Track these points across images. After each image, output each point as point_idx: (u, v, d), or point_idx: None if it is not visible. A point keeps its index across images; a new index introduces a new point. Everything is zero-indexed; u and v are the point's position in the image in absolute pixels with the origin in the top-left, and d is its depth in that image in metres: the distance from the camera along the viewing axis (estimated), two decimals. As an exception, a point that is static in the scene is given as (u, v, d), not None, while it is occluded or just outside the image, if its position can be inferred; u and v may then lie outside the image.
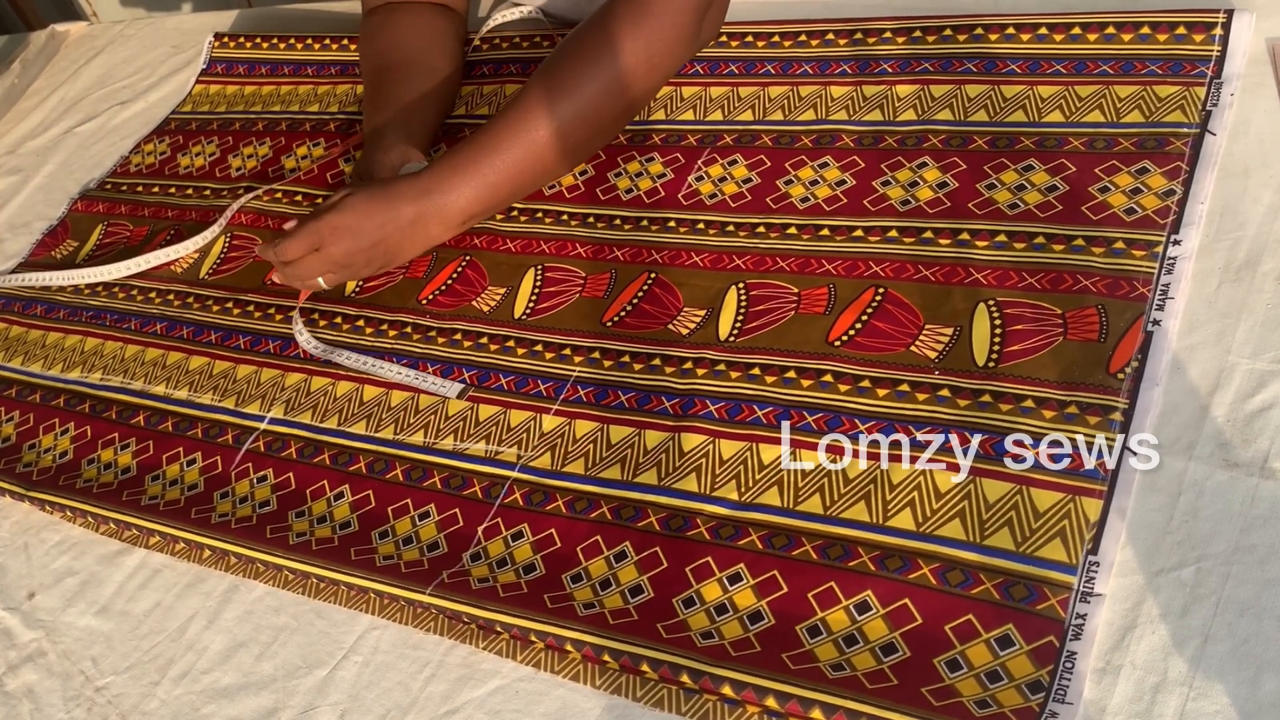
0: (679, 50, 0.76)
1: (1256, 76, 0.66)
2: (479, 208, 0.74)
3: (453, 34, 0.90)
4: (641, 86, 0.74)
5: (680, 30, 0.74)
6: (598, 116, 0.74)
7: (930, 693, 0.49)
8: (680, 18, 0.74)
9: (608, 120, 0.75)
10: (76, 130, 1.11)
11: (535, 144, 0.72)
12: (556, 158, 0.74)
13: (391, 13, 0.89)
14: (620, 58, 0.72)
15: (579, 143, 0.74)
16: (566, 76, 0.73)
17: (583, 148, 0.76)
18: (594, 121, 0.74)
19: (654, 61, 0.74)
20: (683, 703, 0.53)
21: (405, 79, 0.85)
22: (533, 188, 0.76)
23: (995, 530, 0.53)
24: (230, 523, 0.67)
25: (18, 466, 0.78)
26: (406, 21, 0.89)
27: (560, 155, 0.74)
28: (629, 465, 0.62)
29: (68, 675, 0.65)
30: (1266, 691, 0.46)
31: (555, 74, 0.73)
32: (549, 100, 0.72)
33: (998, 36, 0.73)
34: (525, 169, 0.73)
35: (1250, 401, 0.54)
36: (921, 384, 0.59)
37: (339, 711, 0.58)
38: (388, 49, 0.87)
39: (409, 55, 0.87)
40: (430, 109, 0.85)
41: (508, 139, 0.73)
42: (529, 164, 0.73)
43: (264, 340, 0.79)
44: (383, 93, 0.85)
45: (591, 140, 0.76)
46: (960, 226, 0.65)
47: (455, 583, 0.59)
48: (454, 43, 0.90)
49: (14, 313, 0.92)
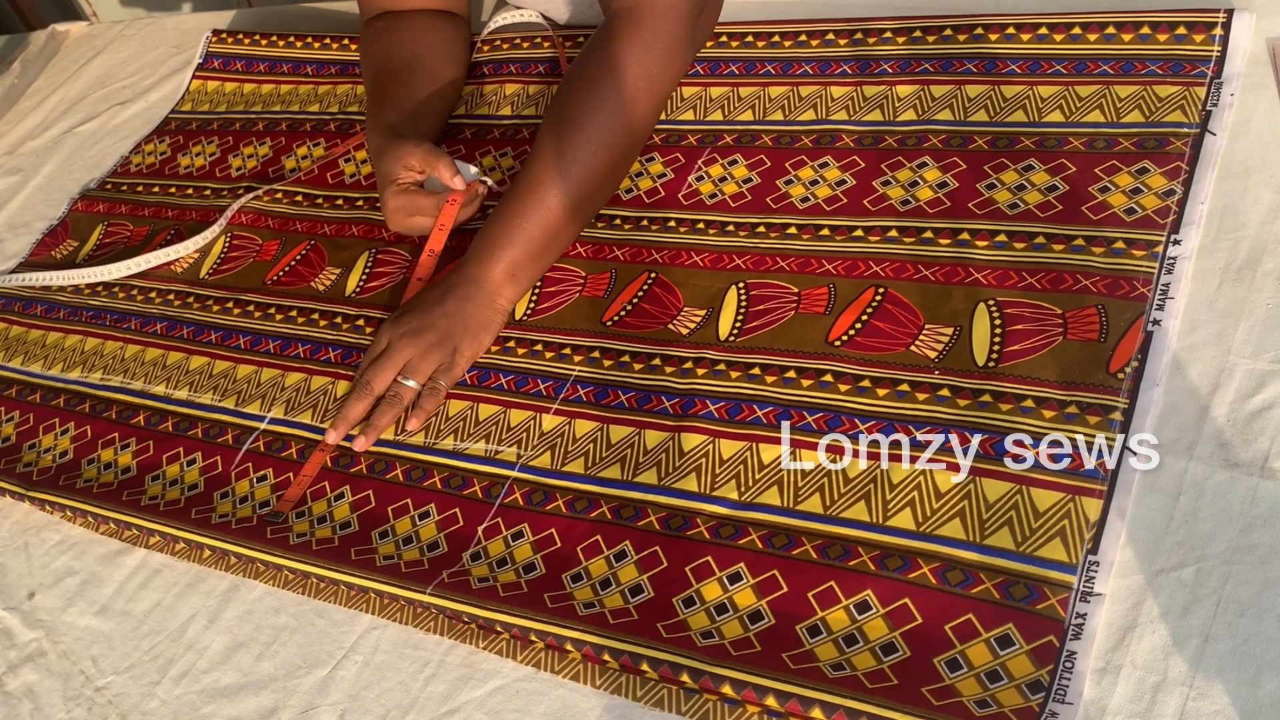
0: (676, 63, 0.75)
1: (1256, 76, 0.66)
2: (524, 269, 0.72)
3: (456, 37, 0.91)
4: (645, 105, 0.73)
5: (675, 42, 0.74)
6: (610, 150, 0.72)
7: (930, 692, 0.49)
8: (673, 29, 0.73)
9: (621, 148, 0.73)
10: (76, 130, 1.11)
11: (557, 194, 0.71)
12: (579, 202, 0.72)
13: (394, 19, 0.89)
14: (621, 81, 0.71)
15: (597, 186, 0.73)
16: (573, 113, 0.72)
17: (603, 184, 0.74)
18: (607, 156, 0.72)
19: (654, 77, 0.73)
20: (683, 702, 0.53)
21: (410, 81, 0.85)
22: (568, 236, 0.74)
23: (995, 530, 0.53)
24: (230, 523, 0.67)
25: (18, 466, 0.78)
26: (409, 26, 0.89)
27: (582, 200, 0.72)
28: (629, 465, 0.62)
29: (68, 675, 0.65)
30: (1266, 691, 0.46)
31: (562, 114, 0.72)
32: (559, 150, 0.71)
33: (998, 36, 0.73)
34: (554, 219, 0.71)
35: (1250, 401, 0.54)
36: (921, 384, 0.59)
37: (339, 711, 0.58)
38: (392, 52, 0.87)
39: (412, 58, 0.87)
40: (434, 112, 0.85)
41: (530, 198, 0.71)
42: (557, 213, 0.71)
43: (264, 340, 0.79)
44: (388, 94, 0.84)
45: (611, 173, 0.74)
46: (960, 226, 0.65)
47: (455, 582, 0.59)
48: (458, 45, 0.90)
49: (14, 313, 0.92)
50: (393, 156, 0.77)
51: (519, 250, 0.70)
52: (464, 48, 0.92)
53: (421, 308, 0.71)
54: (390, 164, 0.77)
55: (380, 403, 0.70)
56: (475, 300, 0.71)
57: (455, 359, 0.70)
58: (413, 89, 0.84)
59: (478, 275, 0.71)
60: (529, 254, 0.71)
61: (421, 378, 0.69)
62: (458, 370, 0.70)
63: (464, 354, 0.70)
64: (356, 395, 0.70)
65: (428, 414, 0.69)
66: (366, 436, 0.69)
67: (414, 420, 0.69)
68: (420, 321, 0.70)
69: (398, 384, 0.69)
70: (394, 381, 0.70)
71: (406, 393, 0.69)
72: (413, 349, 0.70)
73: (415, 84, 0.85)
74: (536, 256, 0.71)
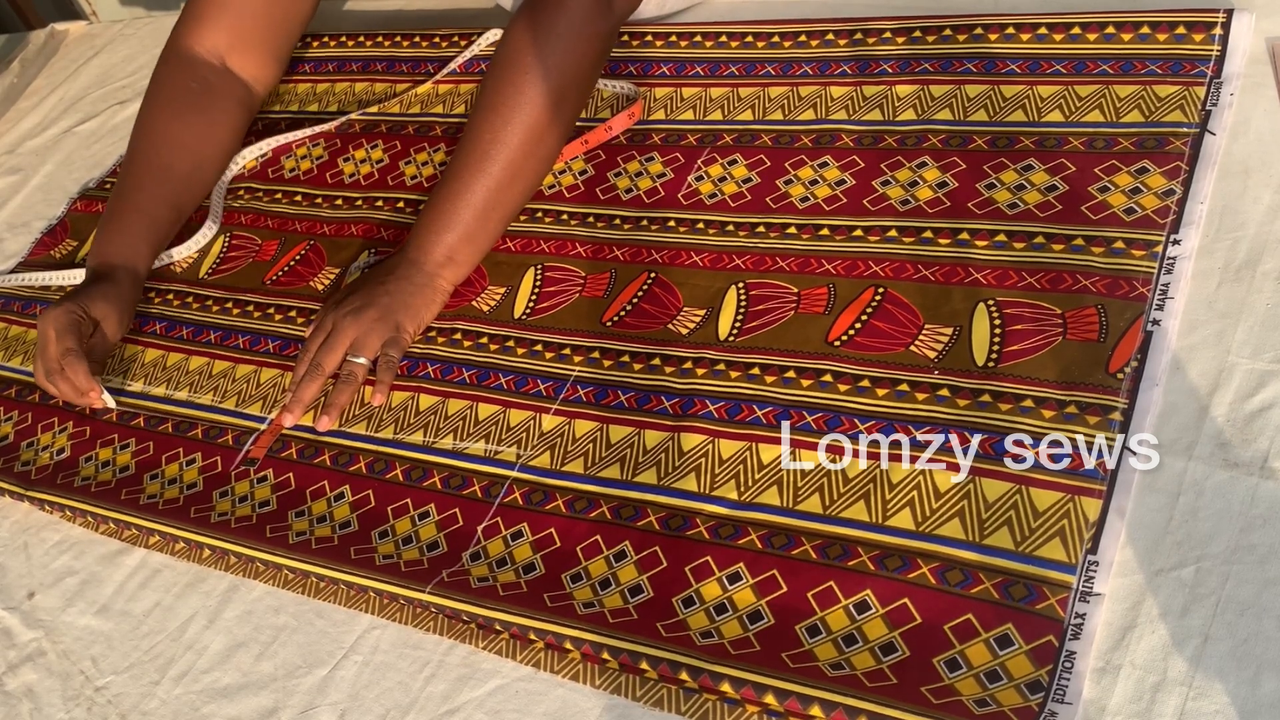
0: (589, 36, 0.75)
1: (1256, 76, 0.66)
2: (466, 247, 0.74)
3: (237, 138, 0.93)
4: (559, 82, 0.73)
5: (582, 16, 0.74)
6: (528, 130, 0.73)
7: (929, 692, 0.49)
8: (577, 4, 0.73)
9: (539, 127, 0.74)
10: (76, 130, 1.11)
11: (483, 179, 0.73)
12: (504, 183, 0.73)
13: (201, 90, 0.89)
14: (531, 63, 0.73)
15: (520, 166, 0.74)
16: (490, 100, 0.73)
17: (527, 162, 0.74)
18: (526, 136, 0.73)
19: (566, 52, 0.73)
20: (682, 702, 0.53)
21: (180, 200, 0.88)
22: (502, 215, 0.75)
23: (995, 530, 0.53)
24: (230, 522, 0.67)
25: (16, 465, 0.78)
26: (212, 116, 0.90)
27: (508, 181, 0.73)
28: (628, 465, 0.62)
29: (67, 675, 0.65)
30: (1266, 691, 0.46)
31: (481, 102, 0.74)
32: (481, 136, 0.73)
33: (997, 36, 0.74)
34: (483, 202, 0.73)
35: (1250, 401, 0.54)
36: (921, 384, 0.59)
37: (339, 711, 0.58)
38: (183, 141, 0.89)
39: (194, 166, 0.89)
40: (162, 240, 0.88)
41: (457, 184, 0.73)
42: (485, 197, 0.73)
43: (263, 340, 0.79)
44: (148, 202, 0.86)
45: (534, 151, 0.74)
46: (960, 226, 0.65)
47: (455, 582, 0.59)
48: (233, 146, 0.93)
49: (13, 312, 0.92)
50: (112, 305, 0.80)
51: (454, 234, 0.73)
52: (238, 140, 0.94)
53: (363, 289, 0.74)
54: (96, 303, 0.79)
55: (339, 382, 0.72)
56: (415, 280, 0.73)
57: (399, 334, 0.73)
58: (176, 209, 0.88)
59: (417, 258, 0.74)
60: (463, 237, 0.73)
61: (370, 353, 0.72)
62: (404, 342, 0.73)
63: (406, 329, 0.73)
64: (310, 377, 0.72)
65: (388, 385, 0.72)
66: (329, 415, 0.71)
67: (377, 396, 0.71)
68: (362, 300, 0.73)
69: (349, 362, 0.72)
70: (344, 360, 0.72)
71: (359, 369, 0.72)
72: (357, 328, 0.72)
73: (182, 202, 0.88)
74: (472, 238, 0.74)
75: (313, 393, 0.72)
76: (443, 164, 0.86)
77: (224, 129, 0.91)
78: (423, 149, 0.88)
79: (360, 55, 1.00)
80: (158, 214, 0.86)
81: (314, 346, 0.73)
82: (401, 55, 0.98)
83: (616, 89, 0.83)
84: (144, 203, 0.86)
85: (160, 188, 0.87)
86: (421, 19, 1.06)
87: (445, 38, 0.97)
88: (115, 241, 0.84)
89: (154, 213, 0.86)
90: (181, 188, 0.88)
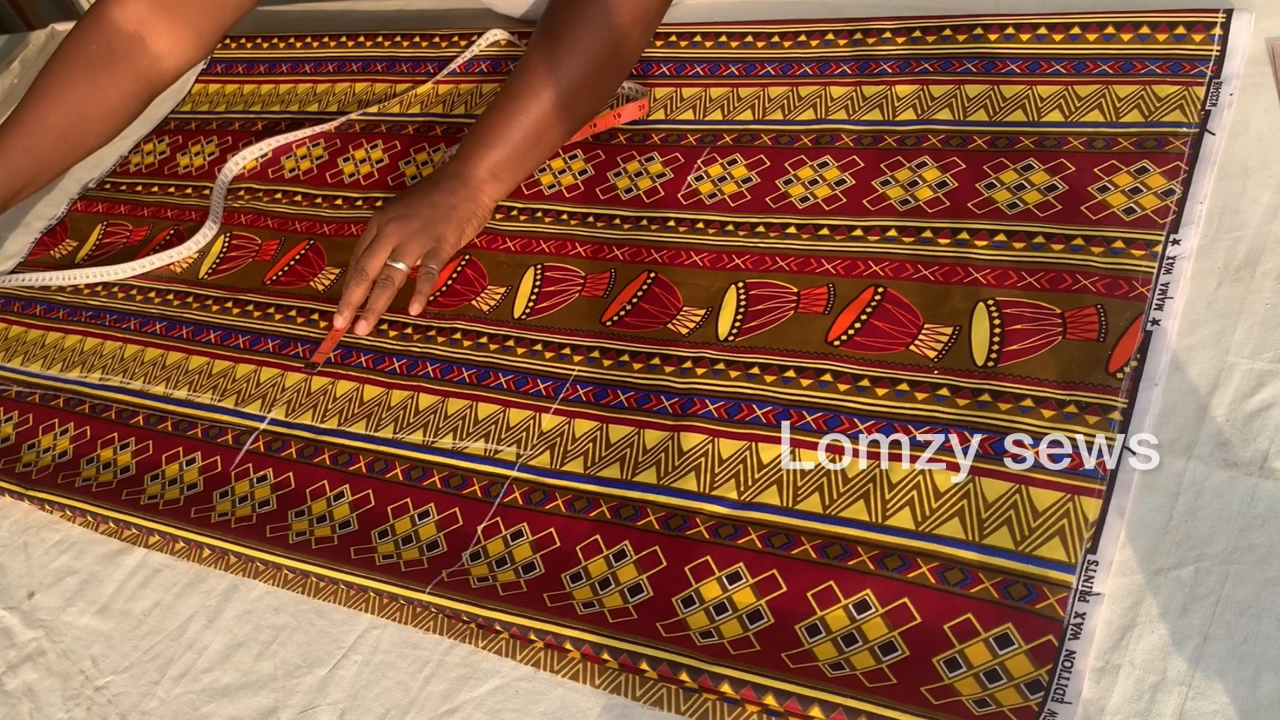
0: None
1: (1256, 76, 0.66)
2: (511, 167, 0.76)
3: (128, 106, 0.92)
4: (628, 17, 0.74)
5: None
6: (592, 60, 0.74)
7: (929, 692, 0.49)
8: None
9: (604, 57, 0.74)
10: (76, 130, 1.11)
11: (540, 100, 0.74)
12: (562, 109, 0.75)
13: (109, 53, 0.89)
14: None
15: (579, 95, 0.75)
16: (558, 26, 0.74)
17: (586, 93, 0.76)
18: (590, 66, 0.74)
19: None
20: (682, 701, 0.53)
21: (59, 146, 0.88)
22: (552, 141, 0.77)
23: (994, 529, 0.53)
24: (230, 522, 0.67)
25: (17, 466, 0.78)
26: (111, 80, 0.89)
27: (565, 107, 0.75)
28: (628, 464, 0.62)
29: (67, 675, 0.65)
30: (1266, 691, 0.46)
31: (549, 27, 0.75)
32: (545, 58, 0.74)
33: (997, 36, 0.74)
34: (537, 124, 0.75)
35: (1249, 401, 0.54)
36: (921, 383, 0.59)
37: (339, 711, 0.58)
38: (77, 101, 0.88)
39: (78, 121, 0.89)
40: None
41: (514, 104, 0.75)
42: (539, 119, 0.75)
43: (263, 340, 0.79)
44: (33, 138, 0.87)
45: (595, 82, 0.76)
46: (959, 226, 0.65)
47: (455, 582, 0.59)
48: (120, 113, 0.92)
49: (13, 312, 0.92)
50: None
51: (501, 152, 0.75)
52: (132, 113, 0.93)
53: (408, 198, 0.77)
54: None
55: (375, 286, 0.75)
56: (459, 194, 0.75)
57: (440, 245, 0.75)
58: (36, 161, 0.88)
59: (462, 171, 0.76)
60: (511, 156, 0.75)
61: (411, 260, 0.75)
62: (444, 253, 0.75)
63: (448, 240, 0.75)
64: (355, 281, 0.75)
65: (426, 296, 0.75)
66: (367, 321, 0.74)
67: (415, 304, 0.74)
68: (407, 209, 0.76)
69: (389, 267, 0.75)
70: (385, 265, 0.75)
71: (397, 274, 0.75)
72: (400, 234, 0.75)
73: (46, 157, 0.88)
74: (519, 159, 0.76)
75: (359, 295, 0.75)
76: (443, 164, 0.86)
77: (111, 94, 0.90)
78: (423, 149, 0.88)
79: (360, 55, 1.00)
80: (9, 159, 0.86)
81: (359, 252, 0.76)
82: (401, 55, 0.98)
83: (622, 89, 0.83)
84: None
85: (24, 137, 0.87)
86: (421, 19, 1.06)
87: (445, 38, 0.97)
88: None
89: (5, 157, 0.86)
90: (47, 142, 0.88)
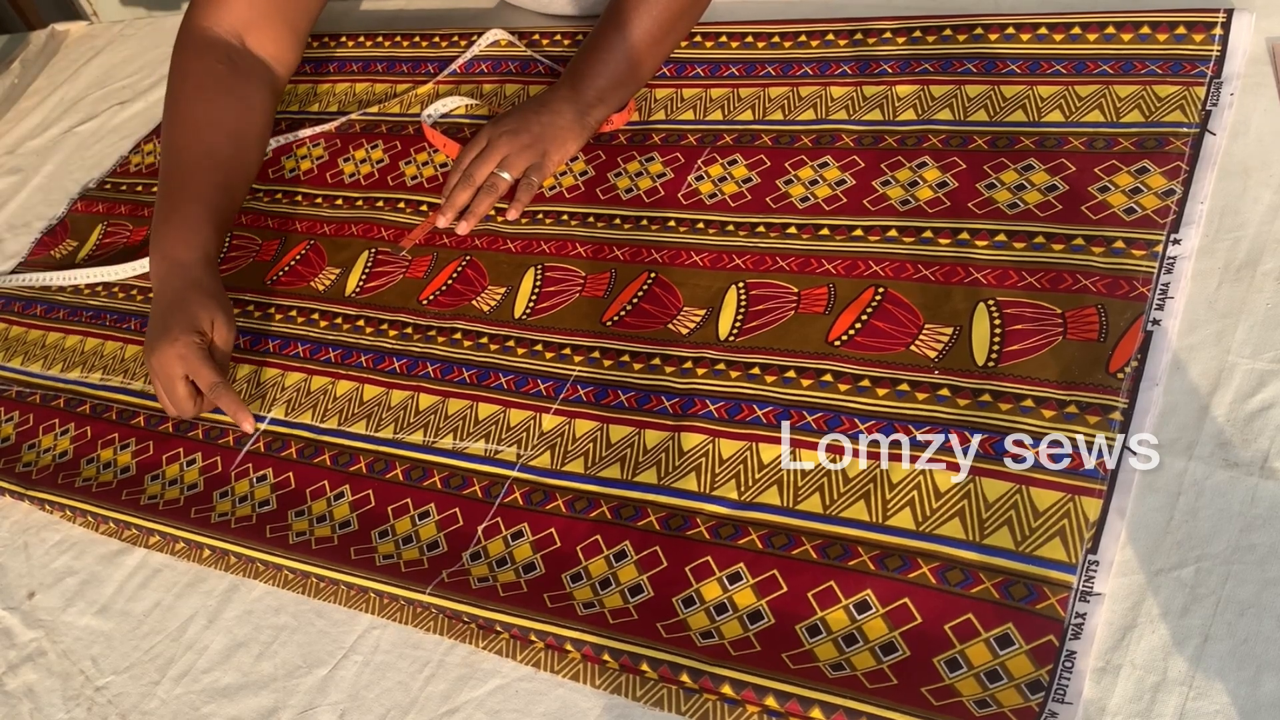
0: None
1: (1256, 76, 0.66)
2: (617, 90, 0.80)
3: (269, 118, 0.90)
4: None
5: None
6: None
7: (930, 692, 0.49)
8: None
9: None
10: (76, 130, 1.12)
11: (637, 29, 0.78)
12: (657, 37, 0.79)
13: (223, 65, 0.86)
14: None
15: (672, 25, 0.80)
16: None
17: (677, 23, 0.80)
18: None
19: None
20: (682, 702, 0.53)
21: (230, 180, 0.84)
22: (649, 67, 0.81)
23: (995, 529, 0.53)
24: (230, 522, 0.67)
25: (17, 466, 0.78)
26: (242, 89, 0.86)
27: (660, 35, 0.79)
28: (629, 465, 0.62)
29: (68, 675, 0.65)
30: (1266, 691, 0.46)
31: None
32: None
33: (997, 36, 0.74)
34: (635, 51, 0.79)
35: (1250, 401, 0.54)
36: (921, 383, 0.59)
37: (339, 711, 0.58)
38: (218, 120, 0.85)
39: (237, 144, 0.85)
40: (226, 225, 0.84)
41: (615, 34, 0.79)
42: (637, 46, 0.79)
43: (264, 340, 0.79)
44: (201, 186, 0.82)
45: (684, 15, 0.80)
46: (960, 226, 0.65)
47: (455, 582, 0.59)
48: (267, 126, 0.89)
49: (14, 313, 0.92)
50: (208, 308, 0.75)
51: (605, 79, 0.80)
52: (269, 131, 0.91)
53: (520, 114, 0.81)
54: (197, 315, 0.74)
55: (479, 192, 0.79)
56: (567, 115, 0.80)
57: (545, 160, 0.79)
58: (229, 192, 0.84)
59: (571, 95, 0.80)
60: (614, 81, 0.80)
61: (516, 171, 0.79)
62: (548, 169, 0.80)
63: (552, 157, 0.80)
64: (462, 185, 0.80)
65: (523, 205, 0.79)
66: (468, 221, 0.79)
67: (513, 210, 0.79)
68: (518, 124, 0.80)
69: (495, 176, 0.79)
70: (491, 174, 0.79)
71: (501, 183, 0.79)
72: (509, 146, 0.79)
73: (233, 183, 0.84)
74: (622, 83, 0.80)
75: (464, 199, 0.79)
76: (443, 165, 0.86)
77: (257, 109, 0.87)
78: (423, 149, 0.88)
79: (360, 55, 1.00)
80: (214, 200, 0.81)
81: (467, 160, 0.81)
82: (401, 55, 0.98)
83: None
84: (198, 190, 0.81)
85: (210, 173, 0.82)
86: (421, 19, 1.06)
87: (445, 38, 0.97)
88: (181, 237, 0.79)
89: (211, 199, 0.81)
90: (230, 170, 0.84)
